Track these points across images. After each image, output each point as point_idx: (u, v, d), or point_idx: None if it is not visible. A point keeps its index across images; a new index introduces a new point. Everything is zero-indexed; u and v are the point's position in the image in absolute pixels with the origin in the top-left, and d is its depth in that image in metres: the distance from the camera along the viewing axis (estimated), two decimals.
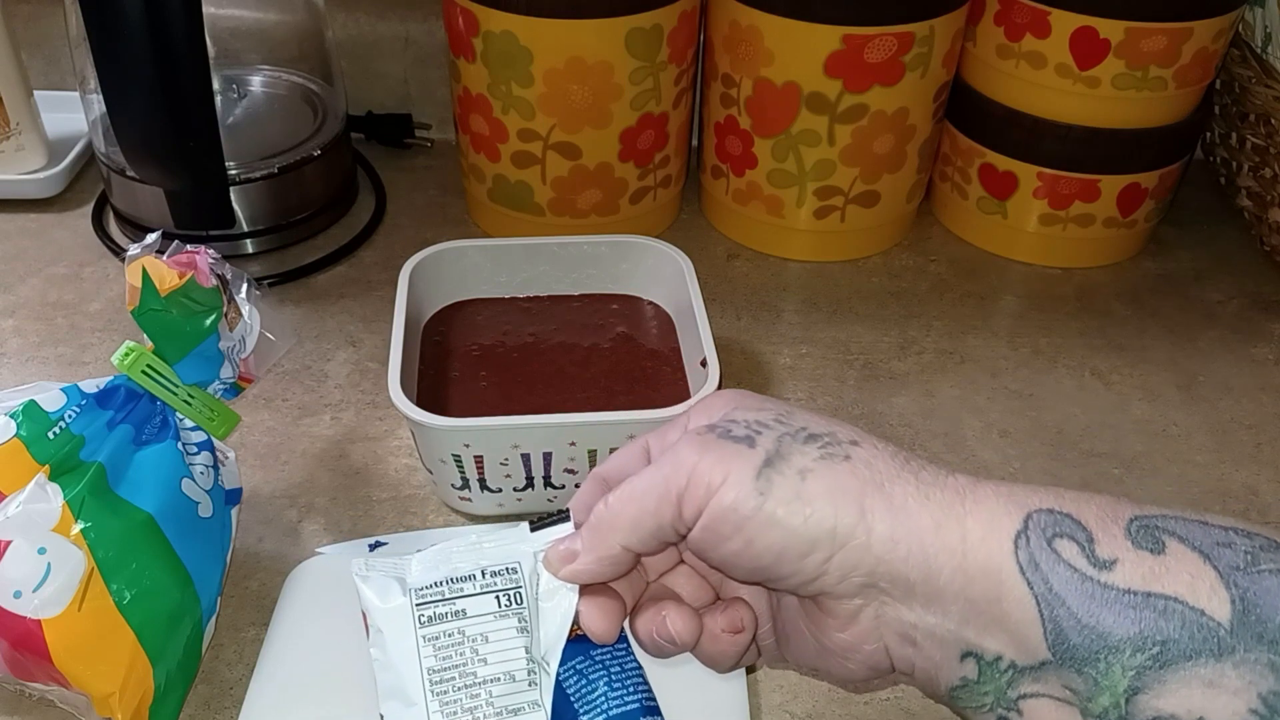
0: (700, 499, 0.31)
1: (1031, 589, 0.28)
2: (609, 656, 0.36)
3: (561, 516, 0.36)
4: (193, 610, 0.44)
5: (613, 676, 0.35)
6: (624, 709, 0.34)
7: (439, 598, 0.35)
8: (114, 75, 0.57)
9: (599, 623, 0.34)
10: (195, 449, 0.47)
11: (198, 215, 0.65)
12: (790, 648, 0.35)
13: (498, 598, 0.35)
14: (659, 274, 0.60)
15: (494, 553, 0.36)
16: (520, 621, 0.35)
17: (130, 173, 0.66)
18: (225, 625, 0.48)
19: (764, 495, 0.30)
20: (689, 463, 0.31)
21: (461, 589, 0.35)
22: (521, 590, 0.35)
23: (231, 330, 0.48)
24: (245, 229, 0.69)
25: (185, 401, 0.46)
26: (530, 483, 0.51)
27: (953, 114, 0.72)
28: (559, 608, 0.35)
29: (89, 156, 0.77)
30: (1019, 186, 0.71)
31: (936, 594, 0.29)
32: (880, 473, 0.30)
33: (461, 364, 0.57)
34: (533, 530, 0.36)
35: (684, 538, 0.32)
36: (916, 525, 0.29)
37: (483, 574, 0.36)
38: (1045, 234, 0.72)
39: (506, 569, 0.36)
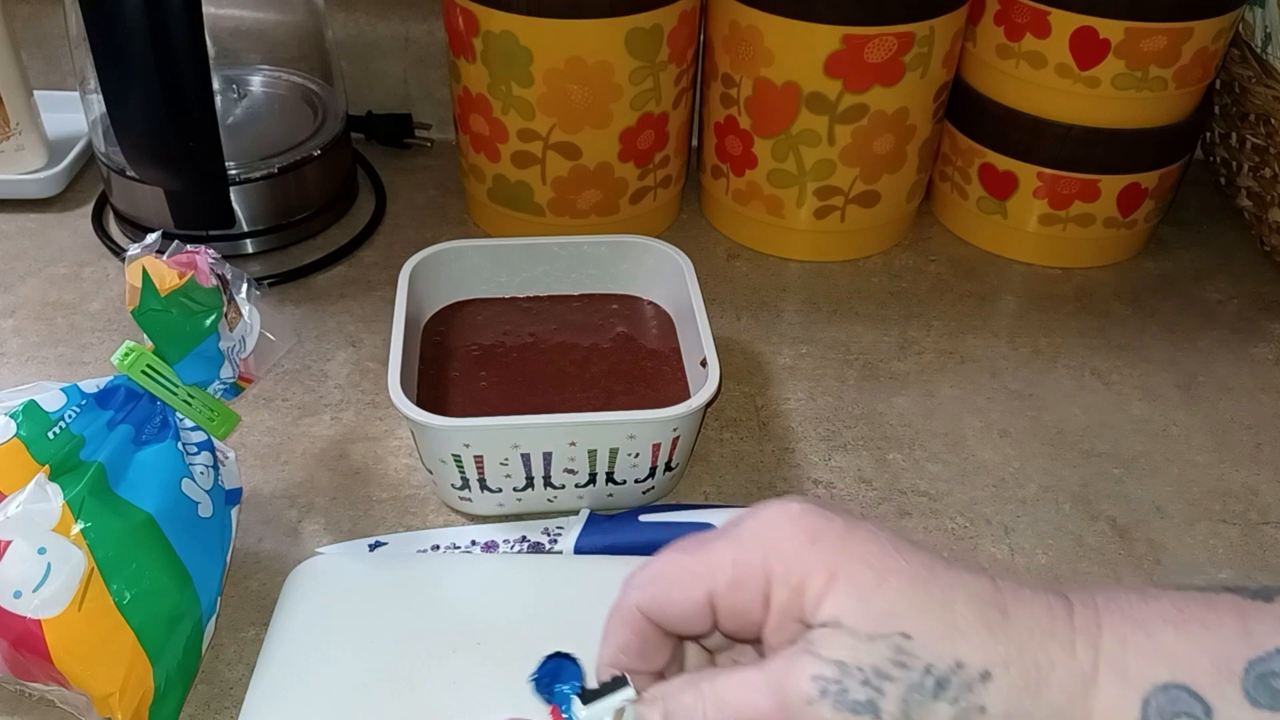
0: None
1: None
2: None
3: (618, 684, 0.31)
4: (193, 610, 0.44)
5: None
6: None
7: None
8: (114, 75, 0.57)
9: None
10: (195, 449, 0.47)
11: (198, 215, 0.65)
12: None
13: None
14: (659, 274, 0.60)
15: None
16: None
17: (130, 173, 0.66)
18: (225, 625, 0.48)
19: None
20: None
21: None
22: None
23: (231, 330, 0.48)
24: (245, 229, 0.69)
25: (185, 401, 0.46)
26: (530, 483, 0.51)
27: (953, 114, 0.72)
28: None
29: (89, 156, 0.77)
30: (1019, 186, 0.71)
31: None
32: (1018, 710, 0.28)
33: (461, 364, 0.57)
34: (585, 703, 0.32)
35: None
36: None
37: None
38: (1045, 234, 0.72)
39: None
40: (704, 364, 0.52)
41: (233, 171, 0.66)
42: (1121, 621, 0.28)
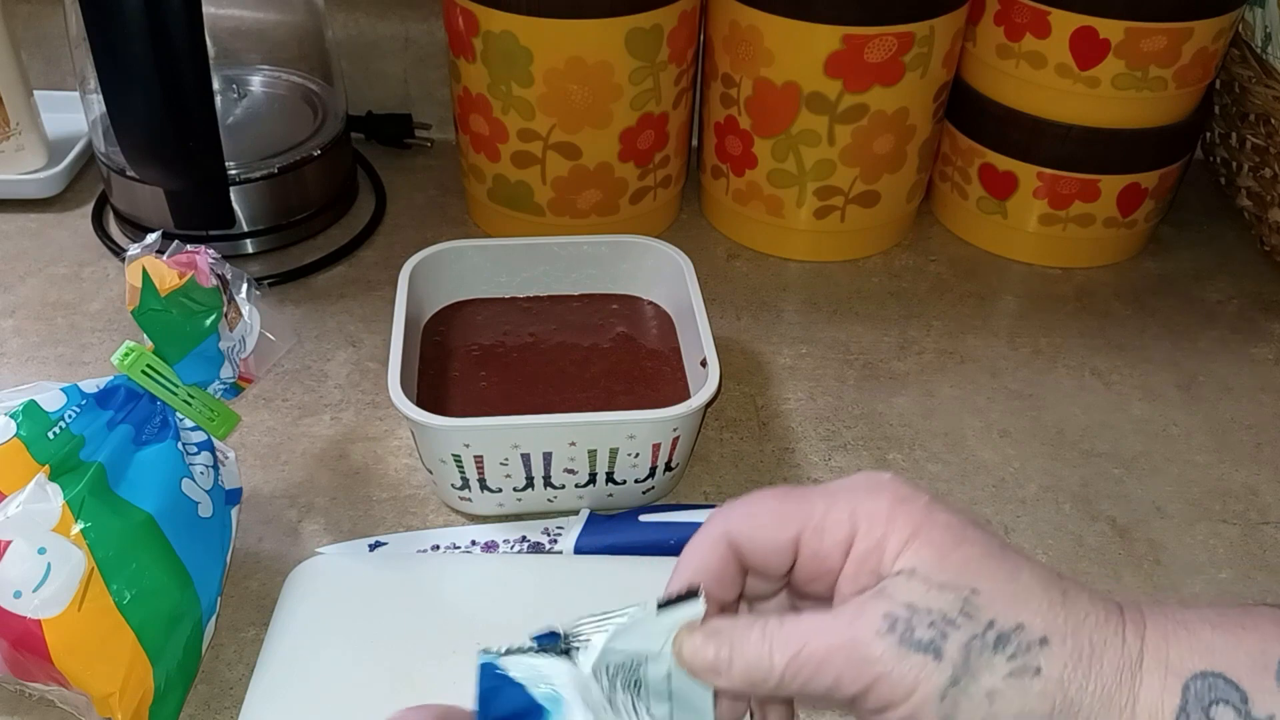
0: (875, 706, 0.30)
1: None
2: None
3: (690, 595, 0.31)
4: (193, 610, 0.44)
5: None
6: None
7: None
8: (114, 75, 0.57)
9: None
10: (195, 449, 0.47)
11: (198, 215, 0.65)
12: None
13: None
14: (659, 274, 0.60)
15: (619, 640, 0.31)
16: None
17: (130, 173, 0.66)
18: (225, 625, 0.48)
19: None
20: (870, 671, 0.29)
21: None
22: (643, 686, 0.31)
23: (231, 330, 0.48)
24: (245, 229, 0.69)
25: (185, 401, 0.46)
26: (530, 483, 0.51)
27: (953, 114, 0.72)
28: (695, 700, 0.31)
29: (89, 156, 0.77)
30: (1019, 186, 0.71)
31: None
32: (1069, 691, 0.29)
33: (461, 364, 0.57)
34: (659, 611, 0.31)
35: None
36: None
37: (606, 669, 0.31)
38: (1045, 234, 0.72)
39: (632, 663, 0.31)
40: (704, 364, 0.52)
41: (233, 171, 0.66)
42: (1164, 621, 0.30)
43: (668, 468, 0.52)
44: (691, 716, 0.32)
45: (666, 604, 0.31)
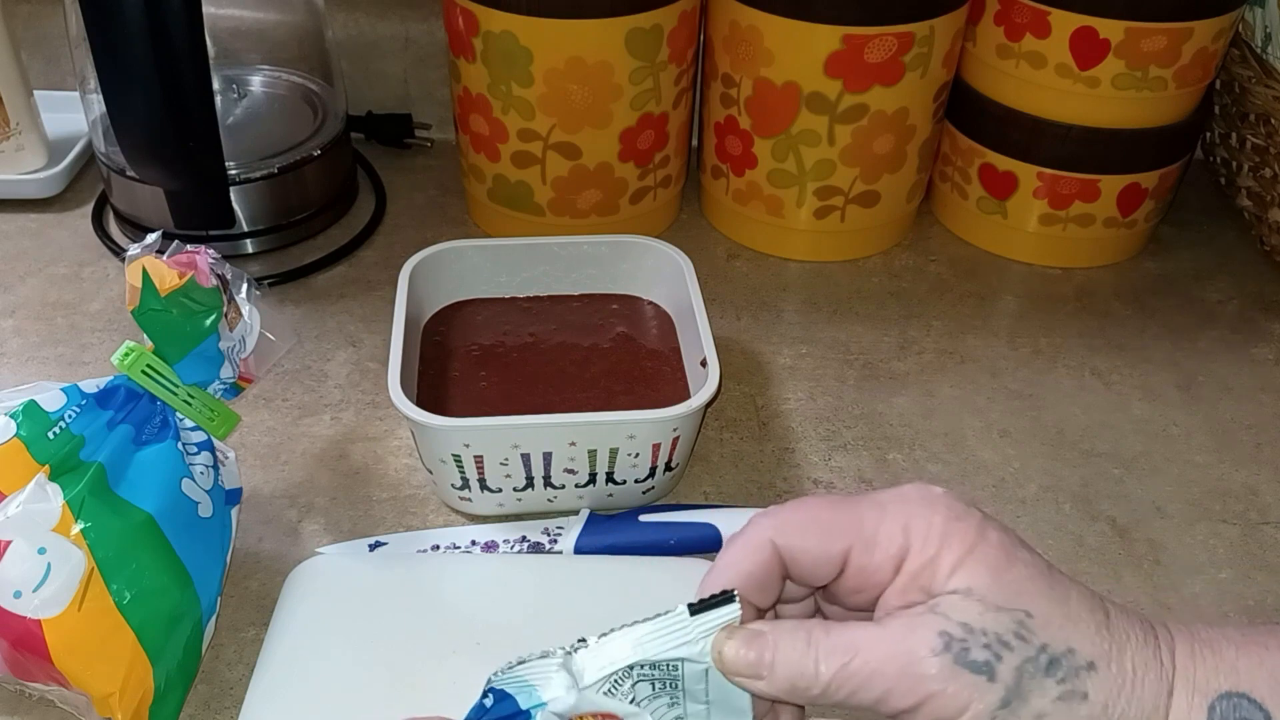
0: None
1: None
2: None
3: (725, 598, 0.31)
4: (193, 610, 0.44)
5: None
6: None
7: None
8: (114, 75, 0.57)
9: None
10: (195, 449, 0.47)
11: (198, 215, 0.65)
12: None
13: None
14: (659, 274, 0.60)
15: (653, 645, 0.31)
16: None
17: (130, 173, 0.66)
18: (225, 625, 0.48)
19: None
20: (924, 688, 0.29)
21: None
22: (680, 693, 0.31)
23: (231, 330, 0.48)
24: (245, 229, 0.69)
25: (185, 401, 0.46)
26: (530, 483, 0.51)
27: (953, 114, 0.72)
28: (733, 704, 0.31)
29: (89, 156, 0.77)
30: (1019, 186, 0.71)
31: None
32: (1114, 705, 0.29)
33: (461, 364, 0.57)
34: (692, 614, 0.30)
35: None
36: None
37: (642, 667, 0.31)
38: (1045, 234, 0.72)
39: (667, 665, 0.31)
40: (704, 364, 0.52)
41: (233, 171, 0.66)
42: (1190, 640, 0.31)
43: (668, 468, 0.52)
44: (731, 718, 0.32)
45: (700, 607, 0.30)
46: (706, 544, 0.51)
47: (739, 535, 0.33)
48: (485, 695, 0.32)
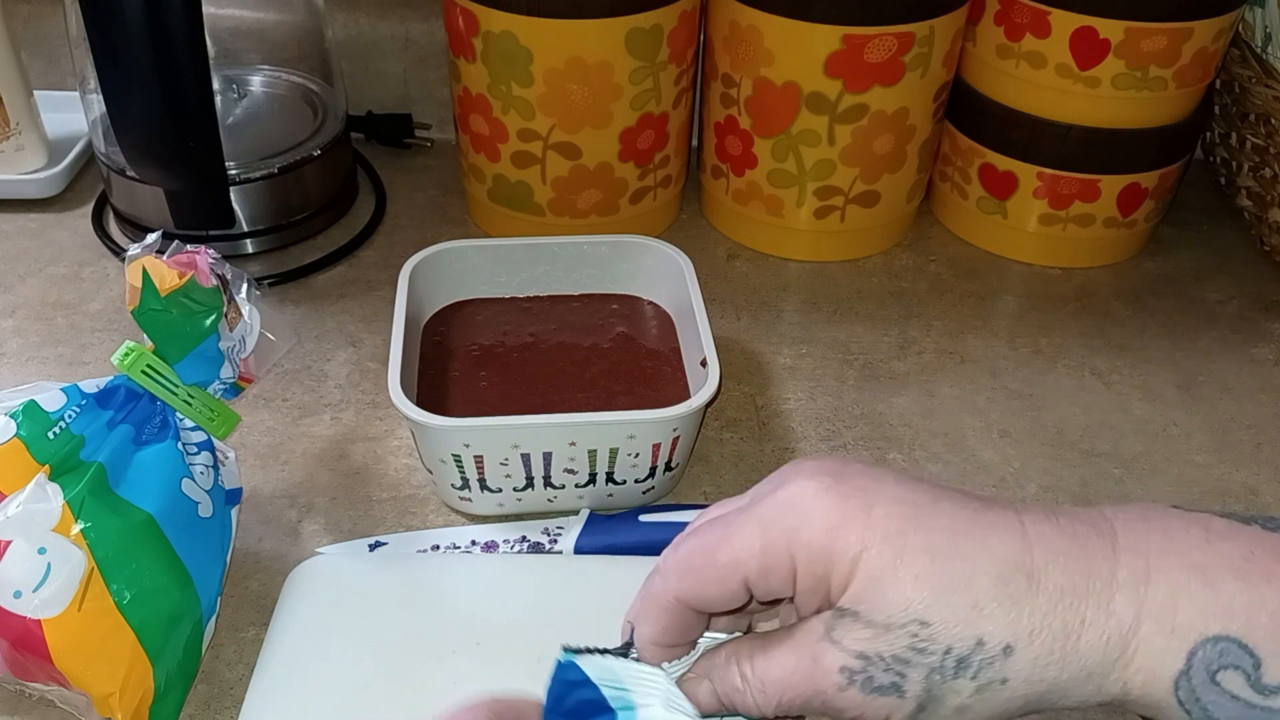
0: None
1: (1190, 717, 0.28)
2: None
3: (626, 648, 0.33)
4: (193, 610, 0.44)
5: None
6: None
7: None
8: (114, 75, 0.57)
9: None
10: (195, 449, 0.47)
11: (198, 215, 0.65)
12: None
13: None
14: (659, 274, 0.60)
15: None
16: None
17: (130, 173, 0.66)
18: (225, 625, 0.48)
19: None
20: (845, 711, 0.30)
21: None
22: None
23: (231, 330, 0.48)
24: (245, 229, 0.69)
25: (185, 401, 0.46)
26: (530, 483, 0.51)
27: (953, 114, 0.72)
28: None
29: (89, 156, 0.77)
30: (1019, 186, 0.71)
31: None
32: (1044, 682, 0.28)
33: (461, 364, 0.57)
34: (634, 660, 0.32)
35: None
36: (1080, 693, 0.29)
37: None
38: (1045, 234, 0.72)
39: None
40: (704, 364, 0.52)
41: (233, 171, 0.66)
42: (1177, 570, 0.28)
43: (668, 468, 0.52)
44: None
45: (590, 650, 0.32)
46: None
47: (643, 598, 0.33)
48: (568, 669, 0.32)
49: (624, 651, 0.33)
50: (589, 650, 0.32)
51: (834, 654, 0.29)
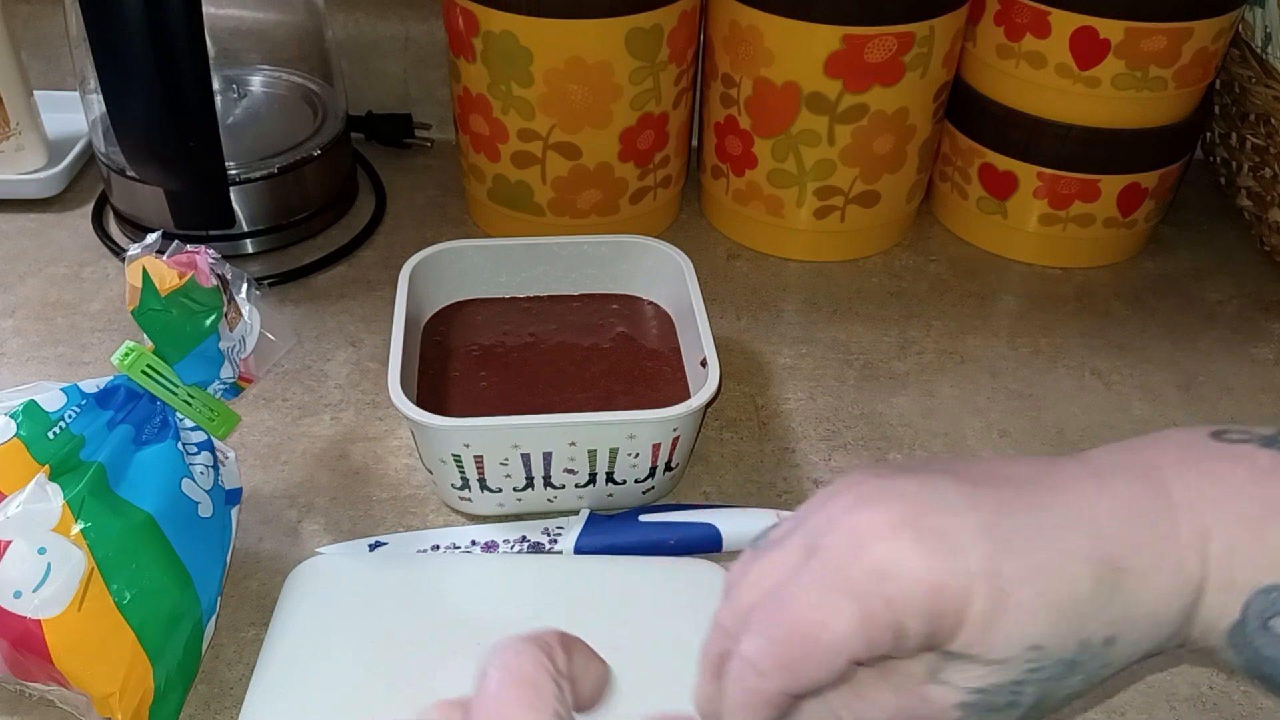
0: None
1: (1240, 656, 0.29)
2: None
3: None
4: (193, 610, 0.44)
5: None
6: None
7: None
8: (114, 75, 0.57)
9: None
10: (195, 449, 0.47)
11: (198, 215, 0.65)
12: None
13: None
14: (659, 274, 0.60)
15: None
16: None
17: (130, 173, 0.66)
18: (225, 625, 0.48)
19: None
20: None
21: None
22: None
23: (231, 330, 0.48)
24: (245, 229, 0.69)
25: (185, 401, 0.46)
26: (530, 483, 0.51)
27: (953, 114, 0.72)
28: None
29: (89, 156, 0.77)
30: (1019, 186, 0.71)
31: None
32: (1136, 650, 0.30)
33: (461, 364, 0.57)
34: None
35: None
36: (1150, 649, 0.30)
37: None
38: (1045, 234, 0.72)
39: None
40: (704, 364, 0.52)
41: (233, 171, 0.66)
42: (1233, 524, 0.29)
43: (668, 468, 0.52)
44: None
45: None
46: (706, 544, 0.51)
47: (740, 692, 0.30)
48: None
49: None
50: None
51: (946, 693, 0.30)
